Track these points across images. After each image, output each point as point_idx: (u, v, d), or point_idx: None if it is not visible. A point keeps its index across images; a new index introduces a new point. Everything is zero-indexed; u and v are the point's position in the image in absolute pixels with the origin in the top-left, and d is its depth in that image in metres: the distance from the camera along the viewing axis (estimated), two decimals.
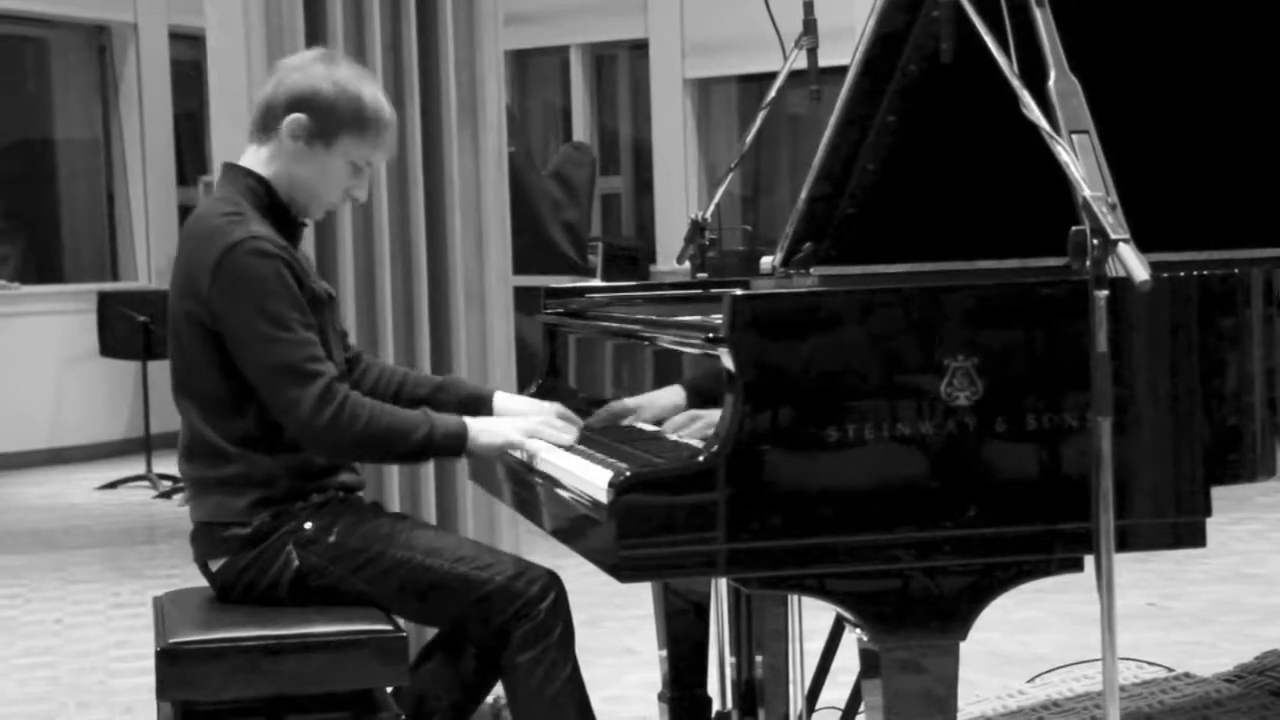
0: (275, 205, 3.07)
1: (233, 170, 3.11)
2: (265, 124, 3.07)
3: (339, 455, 3.02)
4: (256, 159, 3.09)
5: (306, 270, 3.05)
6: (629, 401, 3.03)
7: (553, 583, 2.98)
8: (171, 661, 2.85)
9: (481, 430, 2.99)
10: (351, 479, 3.13)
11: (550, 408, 3.13)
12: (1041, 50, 2.59)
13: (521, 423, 3.03)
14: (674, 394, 2.86)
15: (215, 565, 3.05)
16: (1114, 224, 2.32)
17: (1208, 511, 2.55)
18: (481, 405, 3.21)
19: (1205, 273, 2.59)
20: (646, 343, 3.01)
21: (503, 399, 3.23)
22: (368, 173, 3.13)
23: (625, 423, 3.01)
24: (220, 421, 3.00)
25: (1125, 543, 2.49)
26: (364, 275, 4.08)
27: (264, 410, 2.97)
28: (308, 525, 3.00)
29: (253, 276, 2.92)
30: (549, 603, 2.94)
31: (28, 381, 10.32)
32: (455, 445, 2.98)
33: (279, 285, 2.92)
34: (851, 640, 2.59)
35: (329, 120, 3.02)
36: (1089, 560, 2.46)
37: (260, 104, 3.08)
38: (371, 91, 3.07)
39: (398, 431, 2.94)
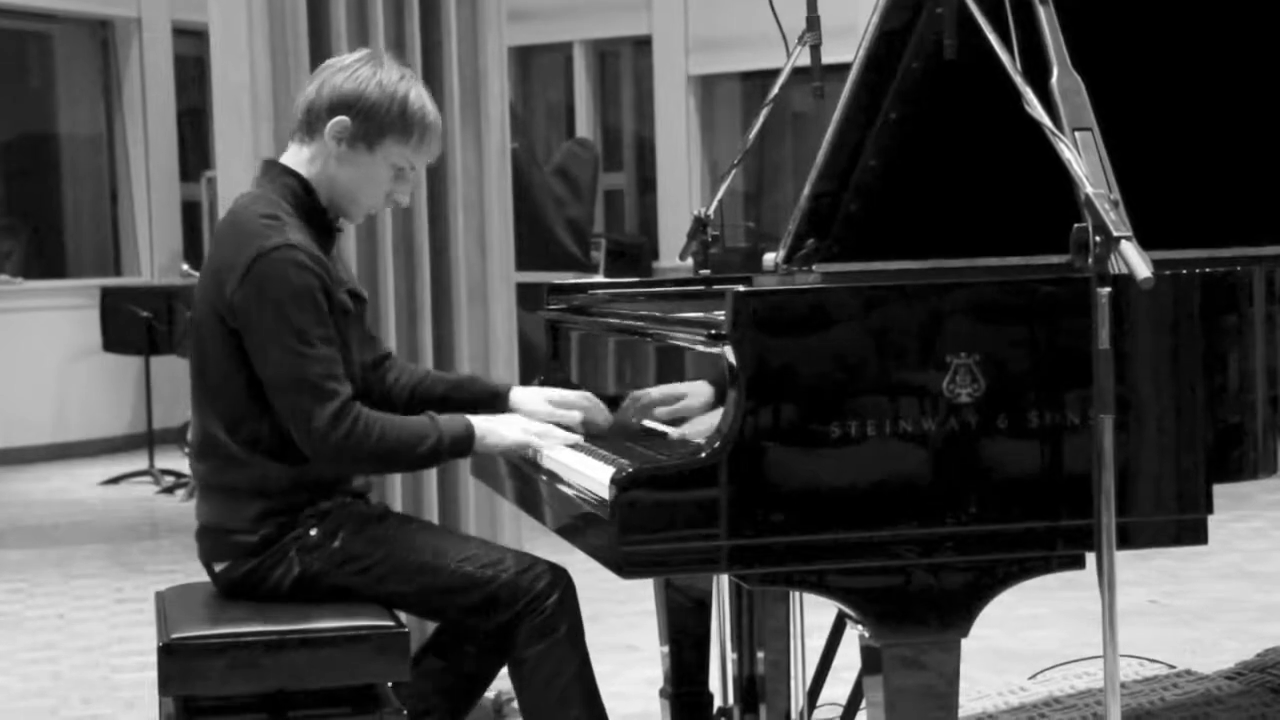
0: (314, 207, 3.05)
1: (274, 168, 3.09)
2: (309, 124, 3.05)
3: (349, 470, 3.03)
4: (298, 158, 3.07)
5: (338, 280, 3.02)
6: (654, 392, 2.99)
7: (559, 578, 2.99)
8: (173, 656, 2.85)
9: (488, 432, 2.99)
10: (360, 484, 3.12)
11: (575, 396, 3.10)
12: (1044, 47, 2.60)
13: (526, 423, 3.04)
14: (703, 392, 2.85)
15: (219, 568, 3.05)
16: (1116, 221, 2.33)
17: (1209, 509, 2.55)
18: (498, 402, 3.20)
19: (1207, 270, 2.59)
20: (649, 339, 3.01)
21: (519, 394, 3.21)
22: (411, 176, 3.11)
23: (660, 411, 2.97)
24: (234, 424, 2.99)
25: (1127, 540, 2.49)
26: (367, 271, 4.08)
27: (277, 417, 2.95)
28: (312, 532, 2.99)
29: (282, 284, 2.89)
30: (555, 598, 2.95)
31: (31, 377, 10.33)
32: (462, 449, 2.99)
33: (306, 298, 2.90)
34: (853, 637, 2.59)
35: (372, 123, 3.00)
36: (1090, 557, 2.46)
37: (303, 104, 3.06)
38: (417, 94, 3.04)
39: (406, 444, 2.93)
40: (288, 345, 2.89)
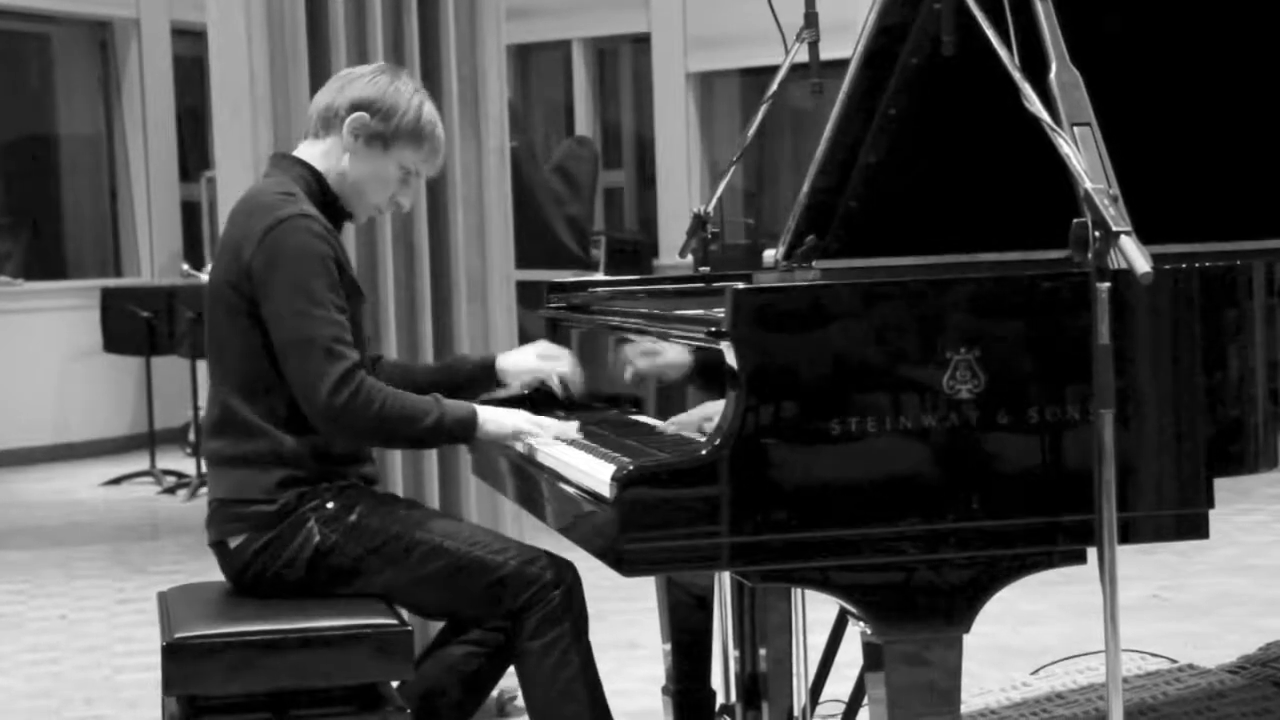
0: (325, 195, 3.15)
1: (285, 159, 3.20)
2: (326, 122, 3.16)
3: (350, 436, 3.06)
4: (311, 152, 3.18)
5: (348, 259, 3.11)
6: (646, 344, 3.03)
7: (566, 570, 3.01)
8: (176, 656, 2.86)
9: (489, 419, 3.04)
10: (370, 470, 3.18)
11: (558, 351, 3.23)
12: (1043, 42, 2.60)
13: (529, 415, 3.08)
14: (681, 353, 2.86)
15: (234, 542, 3.07)
16: (1115, 216, 2.33)
17: (1210, 503, 2.55)
18: (489, 374, 3.31)
19: (1207, 264, 2.59)
20: (650, 337, 3.01)
21: (505, 360, 3.32)
22: (414, 183, 3.23)
23: (644, 364, 3.03)
24: (252, 397, 3.04)
25: (1128, 535, 2.50)
26: (367, 270, 4.08)
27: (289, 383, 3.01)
28: (330, 504, 3.04)
29: (297, 250, 2.98)
30: (562, 590, 2.97)
31: (32, 378, 10.33)
32: (464, 432, 3.04)
33: (320, 264, 2.99)
34: (855, 633, 2.59)
35: (390, 124, 3.13)
36: (1092, 552, 2.46)
37: (321, 106, 3.18)
38: (430, 107, 3.19)
39: (409, 417, 2.99)
40: (299, 307, 2.96)
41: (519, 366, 3.31)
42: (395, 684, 3.01)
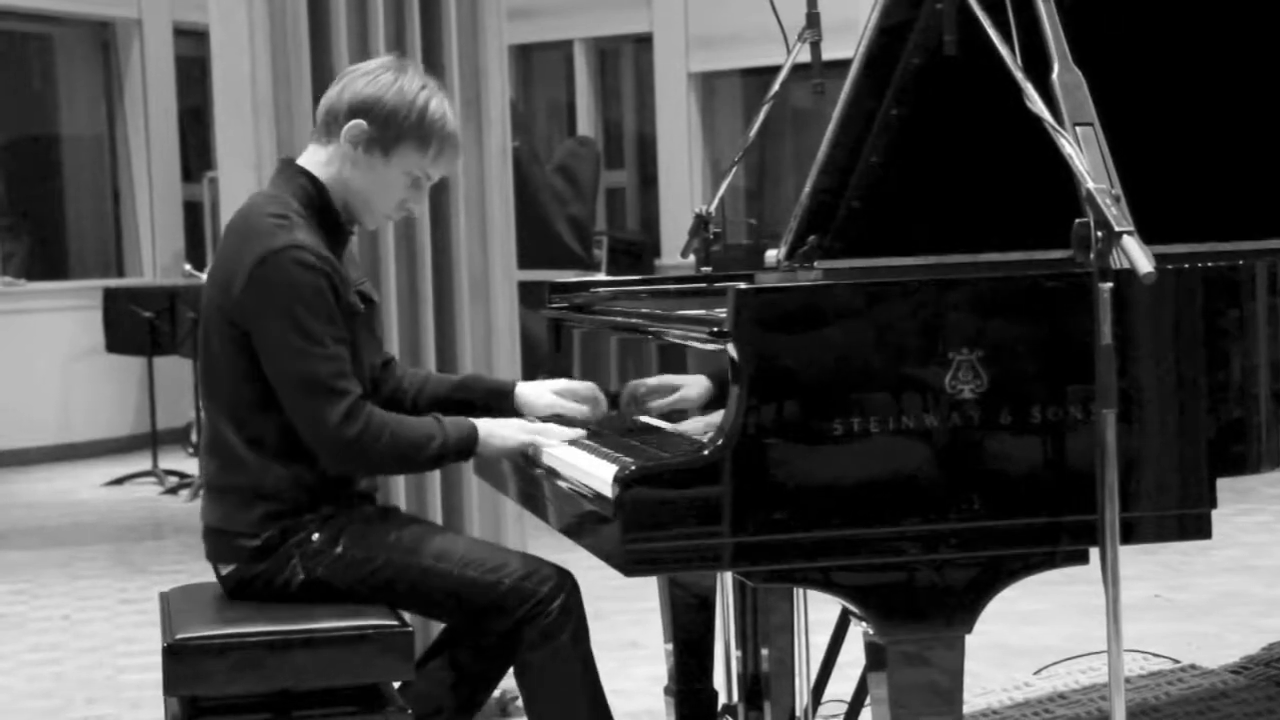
0: (325, 208, 3.04)
1: (289, 168, 3.08)
2: (327, 127, 3.04)
3: (358, 471, 3.03)
4: (314, 160, 3.06)
5: (346, 282, 3.00)
6: (650, 381, 3.00)
7: (564, 581, 2.97)
8: (178, 657, 2.86)
9: (490, 435, 2.99)
10: (366, 485, 3.12)
11: (580, 386, 3.14)
12: (1045, 42, 2.60)
13: (526, 423, 3.05)
14: (701, 383, 2.86)
15: (225, 570, 3.06)
16: (1118, 216, 2.33)
17: (1213, 503, 2.55)
18: (503, 400, 3.21)
19: (1210, 264, 2.59)
20: (651, 337, 3.01)
21: (524, 389, 3.22)
22: (425, 186, 3.10)
23: (656, 403, 2.99)
24: (241, 424, 2.98)
25: (1130, 535, 2.49)
26: (369, 270, 4.08)
27: (285, 418, 2.94)
28: (314, 537, 2.98)
29: (289, 285, 2.89)
30: (560, 601, 2.94)
31: (34, 378, 10.34)
32: (467, 451, 2.99)
33: (314, 297, 2.89)
34: (857, 633, 2.59)
35: (389, 129, 2.99)
36: (1094, 552, 2.46)
37: (324, 106, 3.06)
38: (437, 104, 3.03)
39: (414, 445, 2.94)
40: (296, 346, 2.88)
41: (541, 400, 3.17)
42: (397, 684, 3.01)
